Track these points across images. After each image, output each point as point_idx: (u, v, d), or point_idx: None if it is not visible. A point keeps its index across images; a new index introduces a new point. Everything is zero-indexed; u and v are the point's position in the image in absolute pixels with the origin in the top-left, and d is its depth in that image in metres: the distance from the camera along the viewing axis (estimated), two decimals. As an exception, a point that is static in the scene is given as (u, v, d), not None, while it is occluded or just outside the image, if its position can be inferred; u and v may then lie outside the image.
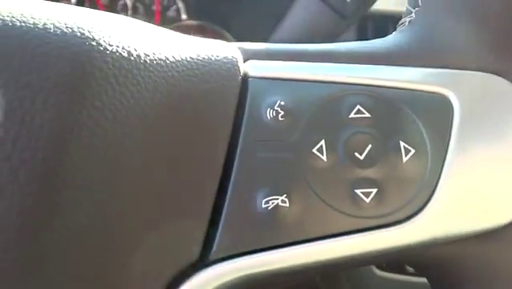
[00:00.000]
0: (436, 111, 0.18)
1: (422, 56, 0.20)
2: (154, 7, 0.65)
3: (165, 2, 0.66)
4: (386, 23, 0.52)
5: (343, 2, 0.37)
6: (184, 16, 0.65)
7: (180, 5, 0.66)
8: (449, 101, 0.19)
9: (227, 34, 0.62)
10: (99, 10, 0.62)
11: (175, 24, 0.64)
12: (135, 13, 0.64)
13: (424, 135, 0.18)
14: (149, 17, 0.65)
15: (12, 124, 0.13)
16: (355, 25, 0.54)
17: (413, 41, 0.21)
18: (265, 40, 0.46)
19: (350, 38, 0.54)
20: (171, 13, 0.66)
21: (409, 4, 0.23)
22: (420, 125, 0.18)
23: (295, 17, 0.39)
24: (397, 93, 0.19)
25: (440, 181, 0.17)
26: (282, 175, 0.17)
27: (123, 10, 0.64)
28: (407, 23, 0.22)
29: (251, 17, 0.65)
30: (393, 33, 0.23)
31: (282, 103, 0.18)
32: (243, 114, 0.18)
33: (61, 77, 0.14)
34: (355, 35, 0.53)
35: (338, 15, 0.37)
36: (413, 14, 0.22)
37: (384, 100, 0.18)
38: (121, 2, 0.64)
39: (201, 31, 0.64)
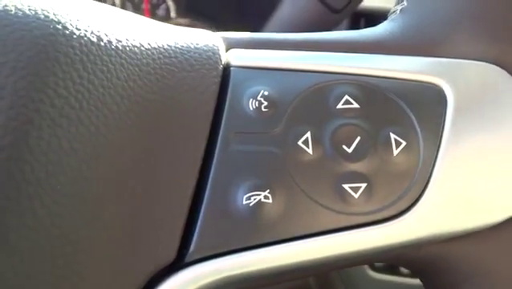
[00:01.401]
0: (429, 102, 0.17)
1: (414, 45, 0.19)
2: (143, 6, 0.64)
3: (154, 1, 0.65)
4: (379, 21, 0.51)
5: (334, -6, 0.36)
6: (173, 15, 0.64)
7: (170, 3, 0.65)
8: (443, 91, 0.18)
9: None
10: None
11: (166, 22, 0.63)
12: (123, 11, 0.63)
13: (416, 127, 0.17)
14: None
15: None
16: (346, 23, 0.53)
17: (405, 29, 0.20)
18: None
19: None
20: (160, 11, 0.65)
21: (400, -8, 0.22)
22: (412, 117, 0.17)
23: (284, 12, 0.38)
24: (388, 83, 0.18)
25: (433, 176, 0.16)
26: (265, 169, 0.16)
27: (112, 9, 0.62)
28: (398, 12, 0.21)
29: (242, 16, 0.64)
30: (384, 22, 0.22)
31: (266, 93, 0.17)
32: (224, 105, 0.17)
33: (20, 62, 0.13)
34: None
35: (328, 9, 0.36)
36: (405, 2, 0.21)
37: (374, 90, 0.17)
38: (109, 2, 0.62)
39: (191, 30, 0.63)
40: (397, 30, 0.20)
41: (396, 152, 0.16)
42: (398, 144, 0.16)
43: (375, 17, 0.51)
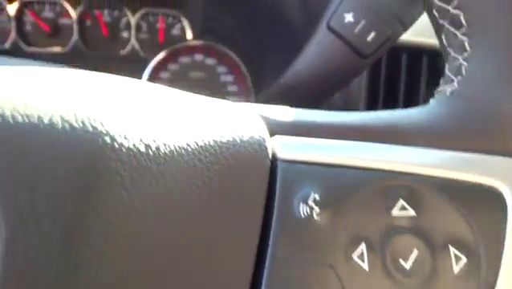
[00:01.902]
0: (489, 209, 0.16)
1: (467, 138, 0.18)
2: (158, 25, 0.63)
3: (170, 20, 0.63)
4: (400, 54, 0.50)
5: (363, 40, 0.35)
6: (189, 34, 0.63)
7: (185, 23, 0.63)
8: (502, 195, 0.17)
9: (233, 55, 0.60)
10: (102, 28, 0.59)
11: (180, 44, 0.62)
12: (138, 31, 0.62)
13: (477, 239, 0.16)
14: (153, 35, 0.63)
15: (14, 241, 0.11)
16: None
17: (456, 118, 0.19)
18: (274, 62, 0.43)
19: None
20: (175, 31, 0.64)
21: (450, 70, 0.21)
22: (472, 226, 0.16)
23: (311, 52, 0.37)
24: (443, 184, 0.17)
25: None
26: (318, 287, 0.15)
27: (127, 28, 0.61)
28: (448, 93, 0.20)
29: (258, 36, 0.63)
30: (431, 101, 0.21)
31: (317, 197, 0.16)
32: (273, 208, 0.16)
33: (70, 186, 0.12)
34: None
35: (357, 55, 0.35)
36: (455, 84, 0.20)
37: (430, 194, 0.16)
38: (124, 20, 0.61)
39: (206, 52, 0.62)
40: (447, 117, 0.19)
41: (456, 269, 0.15)
42: (458, 259, 0.15)
43: (396, 50, 0.50)
